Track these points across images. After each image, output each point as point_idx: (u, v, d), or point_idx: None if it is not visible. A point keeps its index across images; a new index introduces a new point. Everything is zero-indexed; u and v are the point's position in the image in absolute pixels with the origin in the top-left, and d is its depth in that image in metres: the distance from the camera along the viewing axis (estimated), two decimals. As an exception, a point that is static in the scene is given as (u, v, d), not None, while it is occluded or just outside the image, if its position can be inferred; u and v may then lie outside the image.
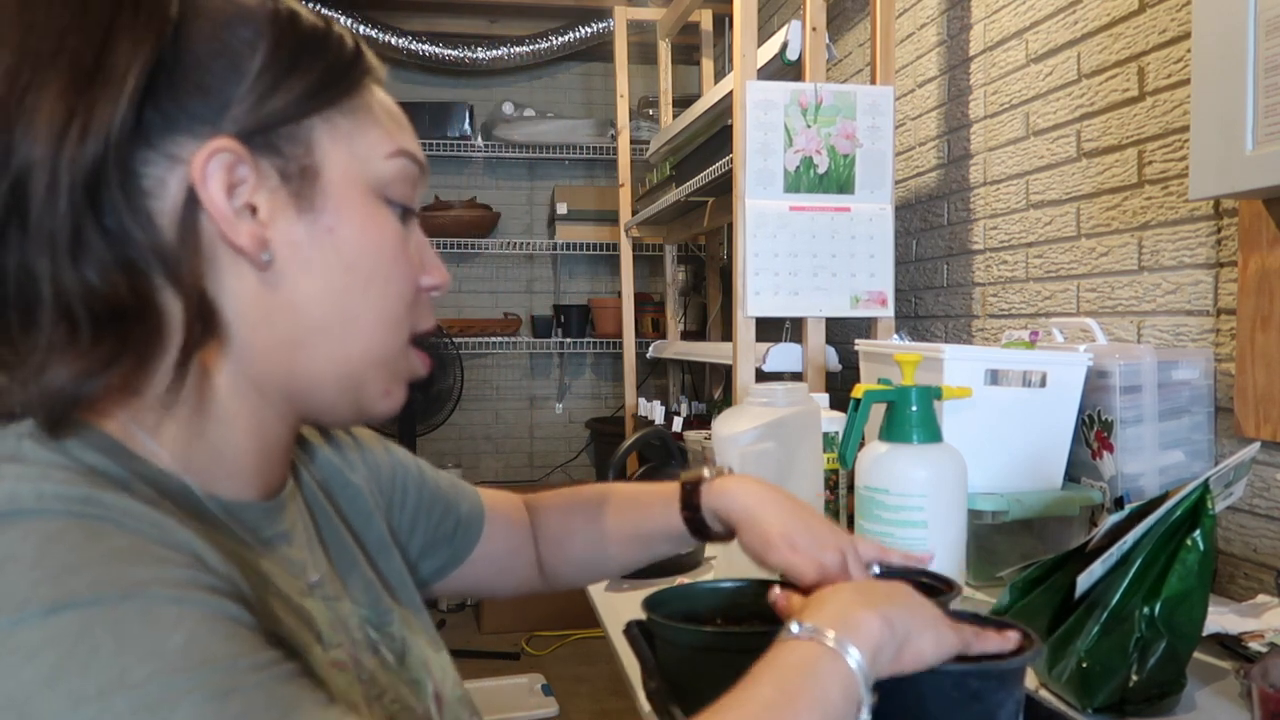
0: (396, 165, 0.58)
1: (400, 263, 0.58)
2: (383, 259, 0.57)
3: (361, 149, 0.56)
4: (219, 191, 0.50)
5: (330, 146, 0.55)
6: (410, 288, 0.59)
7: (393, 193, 0.58)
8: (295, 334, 0.54)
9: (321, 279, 0.54)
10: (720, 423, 1.23)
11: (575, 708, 2.82)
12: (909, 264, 2.09)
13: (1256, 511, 1.17)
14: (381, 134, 0.58)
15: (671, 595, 0.82)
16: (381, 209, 0.57)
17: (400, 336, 0.59)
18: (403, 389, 0.60)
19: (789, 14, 2.83)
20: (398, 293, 0.58)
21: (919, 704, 0.62)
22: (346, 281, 0.55)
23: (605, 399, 4.39)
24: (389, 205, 0.58)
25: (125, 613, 0.40)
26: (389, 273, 0.57)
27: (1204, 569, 0.82)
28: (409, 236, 0.59)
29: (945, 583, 0.84)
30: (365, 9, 3.77)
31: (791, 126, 1.79)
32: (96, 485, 0.44)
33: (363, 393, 0.58)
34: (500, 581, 0.88)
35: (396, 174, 0.58)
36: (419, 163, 0.60)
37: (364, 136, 0.57)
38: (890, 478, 1.02)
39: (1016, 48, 1.68)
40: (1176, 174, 1.29)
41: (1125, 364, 1.19)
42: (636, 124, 3.72)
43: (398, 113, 0.61)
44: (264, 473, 0.58)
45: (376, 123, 0.57)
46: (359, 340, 0.56)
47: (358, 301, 0.56)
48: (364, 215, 0.56)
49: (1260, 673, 0.64)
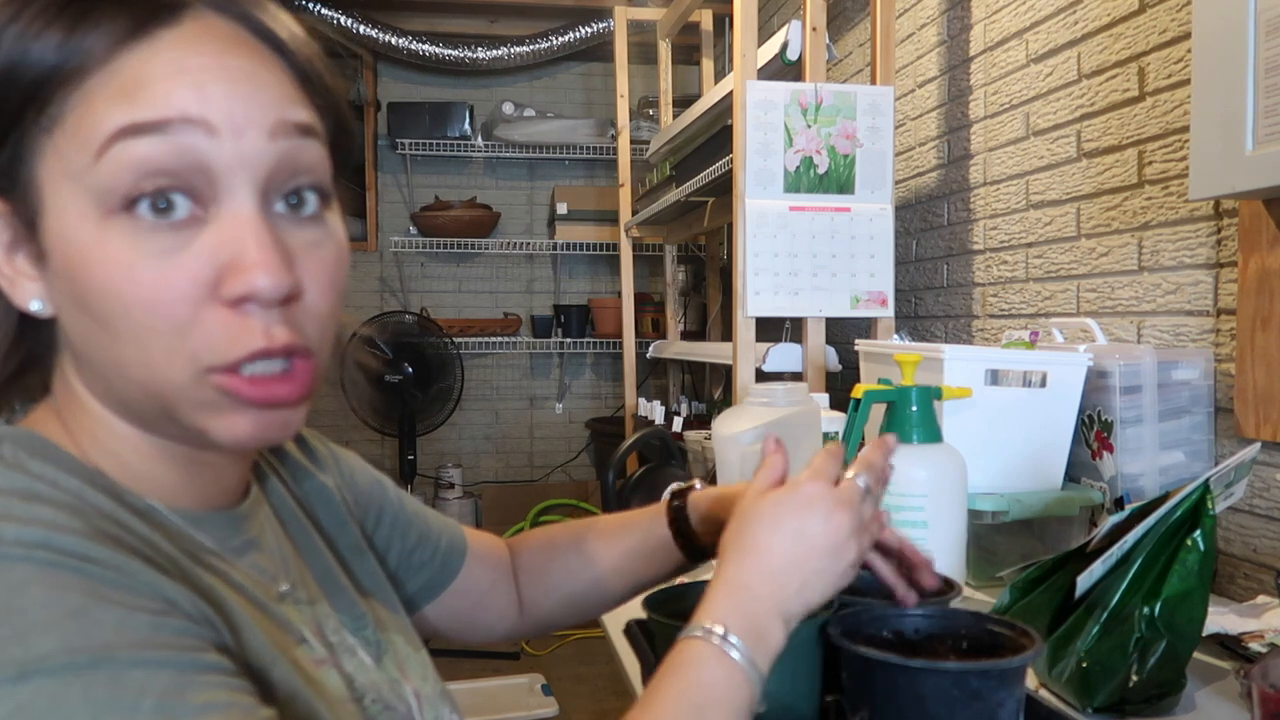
0: (113, 162, 0.45)
1: (136, 289, 0.45)
2: (109, 293, 0.46)
3: (73, 164, 0.46)
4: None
5: (42, 176, 0.47)
6: (166, 316, 0.46)
7: (123, 199, 0.45)
8: (99, 376, 0.50)
9: (74, 324, 0.49)
10: (720, 423, 1.23)
11: (575, 708, 2.82)
12: (909, 264, 2.09)
13: (1256, 512, 1.17)
14: (89, 126, 0.45)
15: (671, 595, 0.82)
16: (111, 228, 0.46)
17: (176, 371, 0.47)
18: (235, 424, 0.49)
19: (789, 14, 2.83)
20: (144, 327, 0.46)
21: (920, 703, 0.62)
22: (88, 327, 0.48)
23: (605, 399, 4.38)
24: (126, 214, 0.45)
25: (94, 680, 0.40)
26: (121, 307, 0.46)
27: (1204, 569, 0.82)
28: (193, 241, 0.46)
29: (945, 583, 0.84)
30: (365, 9, 3.77)
31: (791, 126, 1.79)
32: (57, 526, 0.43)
33: (183, 427, 0.50)
34: (477, 618, 0.83)
35: (117, 173, 0.45)
36: (159, 127, 0.45)
37: (71, 147, 0.46)
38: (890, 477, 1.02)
39: (1017, 48, 1.68)
40: (1176, 174, 1.29)
41: (1125, 364, 1.19)
42: (636, 124, 3.72)
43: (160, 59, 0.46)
44: (210, 486, 0.55)
45: (87, 114, 0.45)
46: (132, 382, 0.48)
47: (108, 344, 0.47)
48: (86, 246, 0.46)
49: (1260, 673, 0.64)
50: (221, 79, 0.47)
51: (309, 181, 0.50)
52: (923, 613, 0.73)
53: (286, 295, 0.47)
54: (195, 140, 0.46)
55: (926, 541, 1.01)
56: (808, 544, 0.60)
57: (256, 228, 0.47)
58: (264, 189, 0.48)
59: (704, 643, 0.56)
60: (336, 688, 0.55)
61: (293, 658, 0.52)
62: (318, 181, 0.51)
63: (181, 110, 0.45)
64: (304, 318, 0.49)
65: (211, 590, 0.49)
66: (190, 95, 0.46)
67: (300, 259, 0.49)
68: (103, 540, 0.44)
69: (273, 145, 0.48)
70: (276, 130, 0.48)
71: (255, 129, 0.47)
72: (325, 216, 0.52)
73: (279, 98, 0.49)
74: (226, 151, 0.46)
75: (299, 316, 0.49)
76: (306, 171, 0.50)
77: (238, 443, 0.50)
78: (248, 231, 0.47)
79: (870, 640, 0.70)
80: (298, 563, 0.61)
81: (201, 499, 0.55)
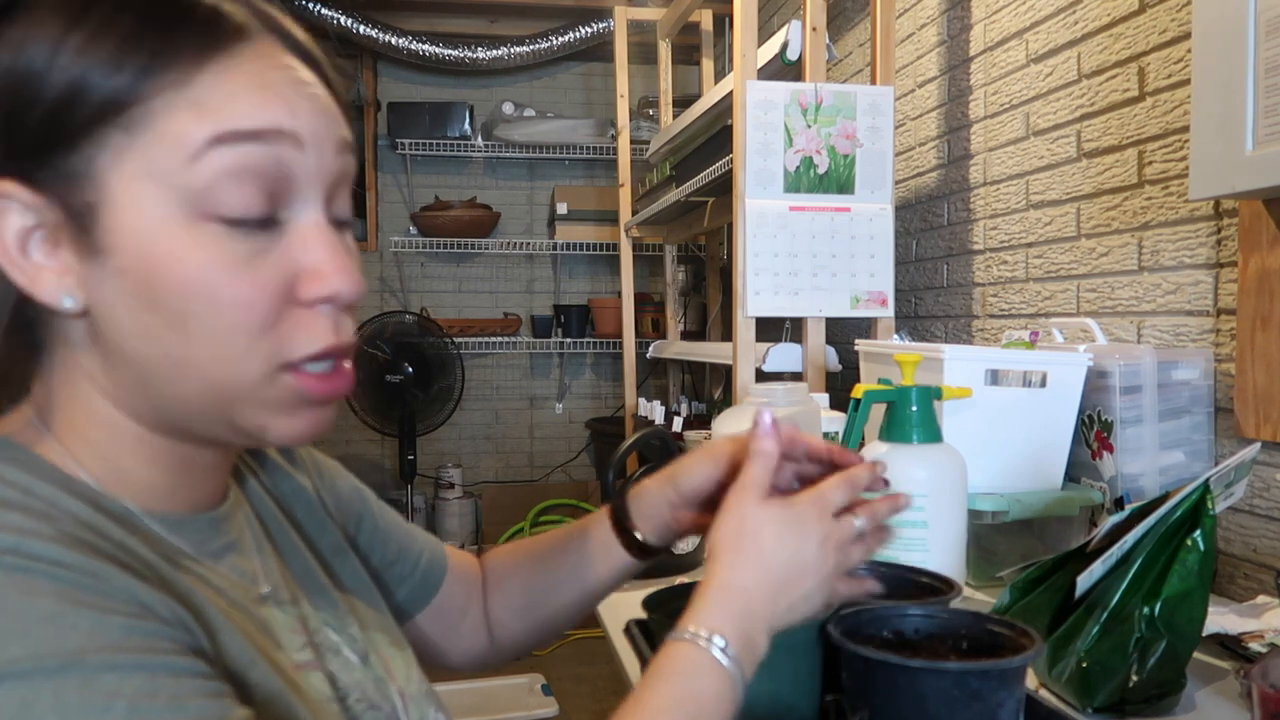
0: (211, 165, 0.47)
1: (231, 289, 0.48)
2: (196, 293, 0.47)
3: (158, 164, 0.47)
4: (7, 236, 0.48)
5: (112, 171, 0.47)
6: (255, 315, 0.48)
7: (218, 203, 0.47)
8: (138, 376, 0.50)
9: (128, 319, 0.48)
10: (720, 423, 1.23)
11: (575, 708, 2.82)
12: (909, 264, 2.09)
13: (1256, 511, 1.17)
14: (186, 129, 0.47)
15: (671, 595, 0.82)
16: (197, 236, 0.47)
17: (254, 368, 0.49)
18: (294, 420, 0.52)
19: (789, 14, 2.83)
20: (230, 325, 0.48)
21: (920, 702, 0.62)
22: (152, 323, 0.48)
23: (605, 399, 4.38)
24: (217, 223, 0.48)
25: (65, 684, 0.40)
26: (210, 306, 0.48)
27: (1204, 569, 0.82)
28: (273, 245, 0.49)
29: (945, 583, 0.84)
30: (365, 9, 3.77)
31: (791, 126, 1.79)
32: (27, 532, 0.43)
33: (238, 427, 0.51)
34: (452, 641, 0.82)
35: (213, 177, 0.47)
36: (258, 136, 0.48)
37: (158, 145, 0.47)
38: (890, 477, 1.02)
39: (1017, 48, 1.68)
40: (1176, 174, 1.29)
41: (1125, 364, 1.19)
42: (636, 124, 3.72)
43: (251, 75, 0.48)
44: (195, 489, 0.56)
45: (178, 118, 0.47)
46: (195, 380, 0.49)
47: (176, 343, 0.48)
48: (171, 246, 0.47)
49: (1260, 673, 0.64)
50: (303, 96, 0.50)
51: (347, 195, 0.55)
52: (923, 613, 0.73)
53: (358, 299, 0.53)
54: (285, 152, 0.49)
55: (926, 541, 1.01)
56: (803, 565, 0.61)
57: (330, 236, 0.52)
58: (328, 200, 0.52)
59: (700, 650, 0.56)
60: (319, 688, 0.55)
61: (272, 660, 0.52)
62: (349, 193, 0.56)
63: (276, 122, 0.48)
64: (351, 317, 0.54)
65: (189, 595, 0.49)
66: (283, 109, 0.49)
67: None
68: (76, 546, 0.44)
69: (338, 160, 0.52)
70: (340, 146, 0.53)
71: (328, 144, 0.51)
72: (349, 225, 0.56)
73: (338, 116, 0.53)
74: (309, 164, 0.50)
75: (350, 318, 0.54)
76: (348, 184, 0.55)
77: (292, 440, 0.53)
78: (324, 239, 0.51)
79: (870, 640, 0.70)
80: (278, 563, 0.61)
81: (185, 502, 0.55)
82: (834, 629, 0.69)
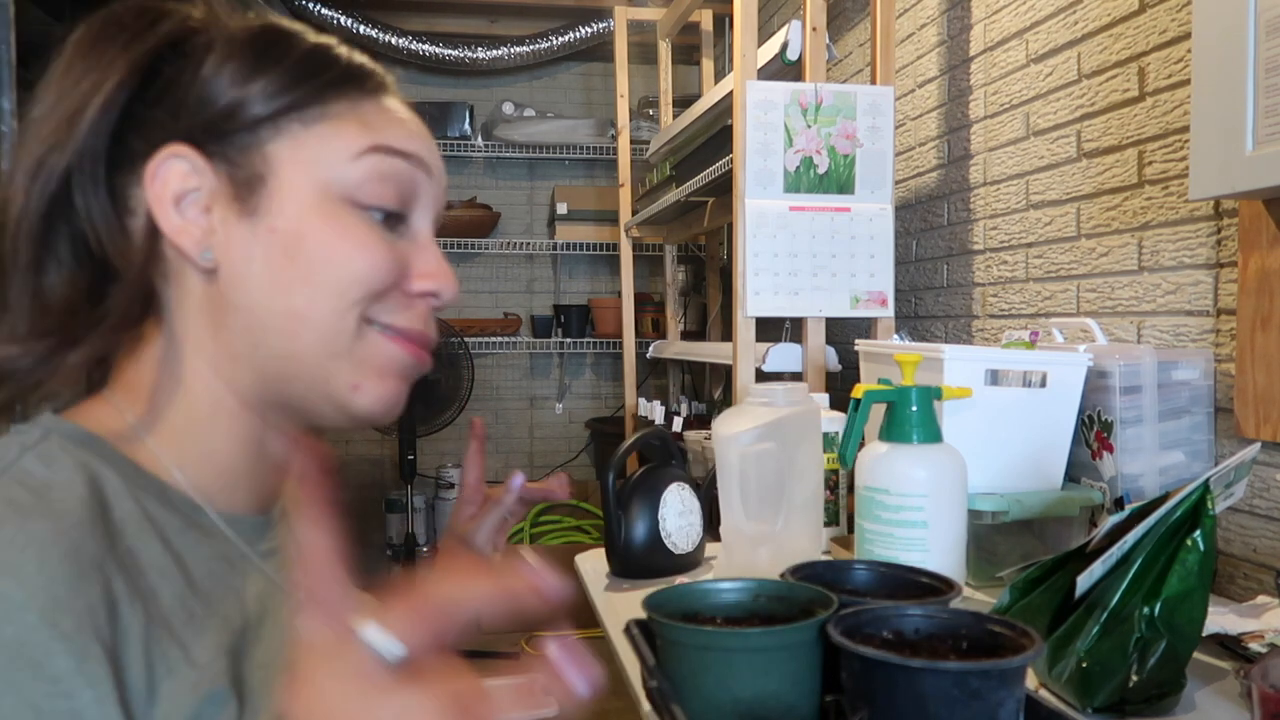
0: (367, 165, 0.57)
1: (361, 255, 0.56)
2: (333, 252, 0.56)
3: (325, 155, 0.57)
4: (163, 191, 0.55)
5: (286, 154, 0.56)
6: (373, 281, 0.57)
7: (365, 195, 0.57)
8: (249, 335, 0.56)
9: (263, 272, 0.55)
10: (720, 423, 1.23)
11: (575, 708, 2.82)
12: (909, 264, 2.09)
13: (1256, 512, 1.17)
14: (353, 137, 0.57)
15: (671, 595, 0.82)
16: (345, 214, 0.57)
17: (350, 320, 0.57)
18: (382, 384, 0.59)
19: (789, 14, 2.83)
20: (351, 278, 0.56)
21: (920, 702, 0.62)
22: (288, 273, 0.55)
23: (605, 399, 4.38)
24: (360, 210, 0.57)
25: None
26: (340, 262, 0.56)
27: (1204, 569, 0.82)
28: (397, 240, 0.59)
29: (945, 583, 0.84)
30: (365, 9, 3.77)
31: (791, 126, 1.79)
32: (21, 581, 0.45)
33: (331, 389, 0.57)
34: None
35: (367, 174, 0.57)
36: (405, 155, 0.59)
37: (329, 143, 0.57)
38: (890, 478, 1.02)
39: (1017, 48, 1.68)
40: (1176, 174, 1.29)
41: (1125, 364, 1.19)
42: (636, 124, 3.72)
43: (397, 116, 0.61)
44: (258, 485, 0.60)
45: (346, 128, 0.57)
46: (305, 330, 0.56)
47: (299, 291, 0.55)
48: (318, 219, 0.56)
49: (1260, 673, 0.64)
50: (430, 142, 0.63)
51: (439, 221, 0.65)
52: (923, 613, 0.73)
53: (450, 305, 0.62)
54: (419, 174, 0.61)
55: (926, 541, 1.01)
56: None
57: (437, 248, 0.63)
58: (435, 221, 0.63)
59: None
60: None
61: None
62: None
63: (418, 151, 0.61)
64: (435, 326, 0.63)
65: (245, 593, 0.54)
66: (421, 144, 0.61)
67: None
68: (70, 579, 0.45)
69: (443, 194, 0.64)
70: (445, 185, 0.65)
71: (441, 180, 0.64)
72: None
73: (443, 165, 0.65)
74: (432, 188, 0.62)
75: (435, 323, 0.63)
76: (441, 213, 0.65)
77: (373, 405, 0.58)
78: (434, 249, 0.62)
79: (870, 640, 0.70)
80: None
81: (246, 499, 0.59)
82: (834, 629, 0.69)
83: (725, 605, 0.83)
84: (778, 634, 0.72)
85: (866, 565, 0.91)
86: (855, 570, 0.91)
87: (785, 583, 0.83)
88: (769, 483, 1.19)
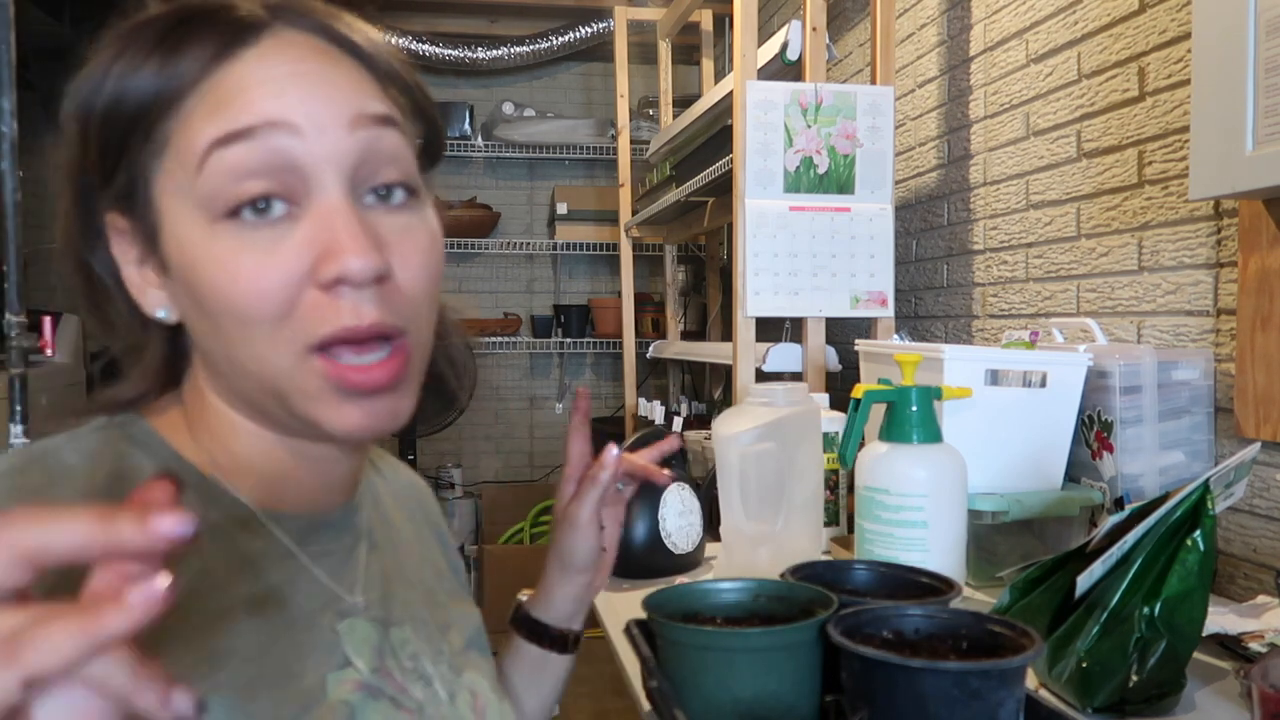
0: (211, 170, 0.49)
1: (244, 281, 0.49)
2: (219, 293, 0.49)
3: (179, 181, 0.50)
4: (123, 259, 0.54)
5: (157, 194, 0.51)
6: (269, 303, 0.49)
7: (224, 203, 0.49)
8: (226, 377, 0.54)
9: (197, 327, 0.53)
10: (720, 423, 1.23)
11: (575, 708, 2.82)
12: (909, 264, 2.09)
13: (1256, 511, 1.17)
14: (190, 142, 0.49)
15: (671, 595, 0.82)
16: (219, 233, 0.49)
17: (282, 355, 0.50)
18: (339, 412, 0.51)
19: (789, 14, 2.83)
20: (247, 317, 0.49)
21: (920, 702, 0.62)
22: (207, 327, 0.52)
23: (605, 399, 4.38)
24: (231, 219, 0.49)
25: None
26: (229, 302, 0.49)
27: (1204, 569, 0.82)
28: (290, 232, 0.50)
29: (945, 583, 0.84)
30: (365, 9, 3.77)
31: (791, 126, 1.79)
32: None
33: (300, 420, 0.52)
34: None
35: (217, 180, 0.49)
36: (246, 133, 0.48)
37: (179, 159, 0.50)
38: (890, 478, 1.02)
39: (1017, 48, 1.68)
40: (1176, 174, 1.29)
41: (1125, 364, 1.19)
42: (636, 124, 3.72)
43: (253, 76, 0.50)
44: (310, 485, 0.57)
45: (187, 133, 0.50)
46: (250, 377, 0.52)
47: (225, 343, 0.51)
48: (197, 252, 0.50)
49: (1260, 673, 0.64)
50: (299, 84, 0.50)
51: (396, 175, 0.53)
52: (923, 613, 0.73)
53: (375, 275, 0.49)
54: (281, 141, 0.49)
55: (926, 541, 1.01)
56: None
57: (345, 215, 0.50)
58: (351, 180, 0.51)
59: None
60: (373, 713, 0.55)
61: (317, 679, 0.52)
62: (404, 173, 0.53)
63: (264, 115, 0.49)
64: (396, 298, 0.51)
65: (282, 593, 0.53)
66: (272, 101, 0.49)
67: (391, 244, 0.51)
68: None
69: (353, 137, 0.51)
70: (355, 122, 0.51)
71: (335, 124, 0.50)
72: (414, 205, 0.54)
73: (356, 93, 0.52)
74: (312, 148, 0.49)
75: (391, 297, 0.51)
76: (390, 161, 0.52)
77: (349, 432, 0.51)
78: (338, 219, 0.49)
79: (870, 640, 0.70)
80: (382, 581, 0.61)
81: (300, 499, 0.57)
82: (834, 629, 0.69)
83: (725, 605, 0.83)
84: (778, 634, 0.72)
85: (866, 565, 0.92)
86: (855, 570, 0.91)
87: (785, 583, 0.83)
88: (769, 483, 1.19)
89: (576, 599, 0.78)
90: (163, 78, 0.50)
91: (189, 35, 0.50)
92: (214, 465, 0.55)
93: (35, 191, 2.18)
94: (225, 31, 0.50)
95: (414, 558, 0.68)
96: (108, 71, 0.51)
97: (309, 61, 0.51)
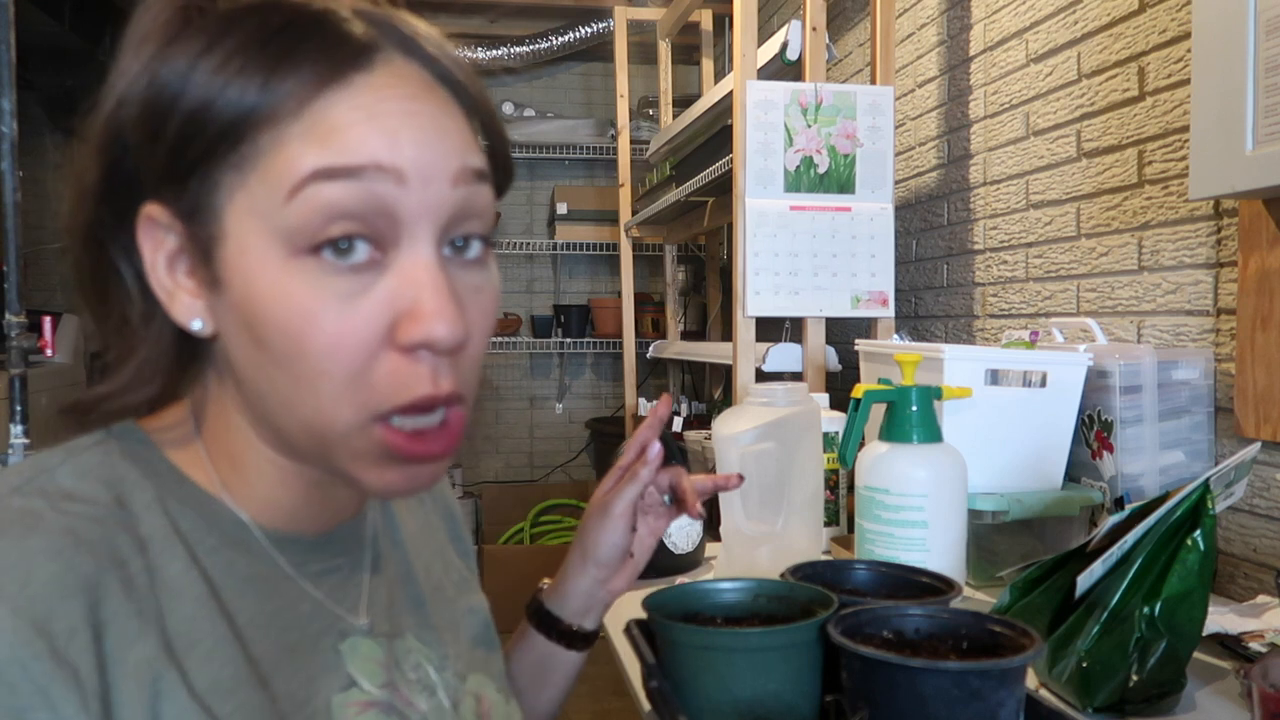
0: (305, 202, 0.45)
1: (321, 332, 0.46)
2: (289, 334, 0.46)
3: (261, 203, 0.46)
4: (151, 255, 0.49)
5: (227, 209, 0.47)
6: (344, 360, 0.46)
7: (311, 240, 0.46)
8: (257, 405, 0.50)
9: (241, 352, 0.49)
10: (720, 423, 1.23)
11: (575, 708, 2.82)
12: (909, 264, 2.09)
13: (1256, 511, 1.17)
14: (286, 166, 0.46)
15: (671, 595, 0.82)
16: (295, 268, 0.46)
17: (346, 416, 0.47)
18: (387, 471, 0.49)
19: (789, 14, 2.83)
20: (319, 370, 0.46)
21: (920, 702, 0.62)
22: (262, 358, 0.48)
23: (605, 399, 4.38)
24: (312, 256, 0.46)
25: None
26: (300, 348, 0.46)
27: (1204, 569, 0.82)
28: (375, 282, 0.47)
29: (945, 583, 0.84)
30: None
31: (791, 126, 1.79)
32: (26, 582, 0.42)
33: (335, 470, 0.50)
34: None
35: (307, 214, 0.45)
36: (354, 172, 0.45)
37: (266, 180, 0.46)
38: (890, 478, 1.02)
39: (1016, 48, 1.68)
40: (1176, 174, 1.29)
41: (1125, 364, 1.19)
42: (636, 124, 3.72)
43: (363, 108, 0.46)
44: (321, 512, 0.56)
45: (282, 153, 0.46)
46: (296, 420, 0.48)
47: (280, 380, 0.47)
48: (268, 284, 0.46)
49: (1260, 673, 0.64)
50: (412, 126, 0.47)
51: (479, 228, 0.51)
52: (923, 612, 0.73)
53: (459, 345, 0.47)
54: (385, 188, 0.46)
55: (926, 541, 1.01)
56: None
57: (434, 275, 0.47)
58: (441, 235, 0.48)
59: None
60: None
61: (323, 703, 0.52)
62: (486, 226, 0.51)
63: (374, 157, 0.46)
64: (465, 364, 0.50)
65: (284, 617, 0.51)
66: (382, 143, 0.46)
67: (465, 304, 0.49)
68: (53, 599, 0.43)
69: (454, 192, 0.48)
70: (459, 178, 0.48)
71: (441, 177, 0.48)
72: (486, 259, 0.52)
73: (461, 145, 0.49)
74: (413, 200, 0.47)
75: (461, 364, 0.49)
76: (478, 216, 0.50)
77: (387, 493, 0.50)
78: (426, 279, 0.47)
79: (870, 640, 0.70)
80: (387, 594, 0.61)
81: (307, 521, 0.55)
82: (834, 629, 0.69)
83: (725, 605, 0.83)
84: (778, 634, 0.72)
85: (866, 565, 0.92)
86: (855, 570, 0.91)
87: (785, 583, 0.83)
88: (769, 483, 1.19)
89: (590, 594, 0.78)
90: (266, 92, 0.45)
91: (297, 50, 0.46)
92: (222, 485, 0.52)
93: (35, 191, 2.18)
94: (336, 52, 0.47)
95: (421, 555, 0.67)
96: (194, 65, 0.46)
97: (421, 101, 0.48)
